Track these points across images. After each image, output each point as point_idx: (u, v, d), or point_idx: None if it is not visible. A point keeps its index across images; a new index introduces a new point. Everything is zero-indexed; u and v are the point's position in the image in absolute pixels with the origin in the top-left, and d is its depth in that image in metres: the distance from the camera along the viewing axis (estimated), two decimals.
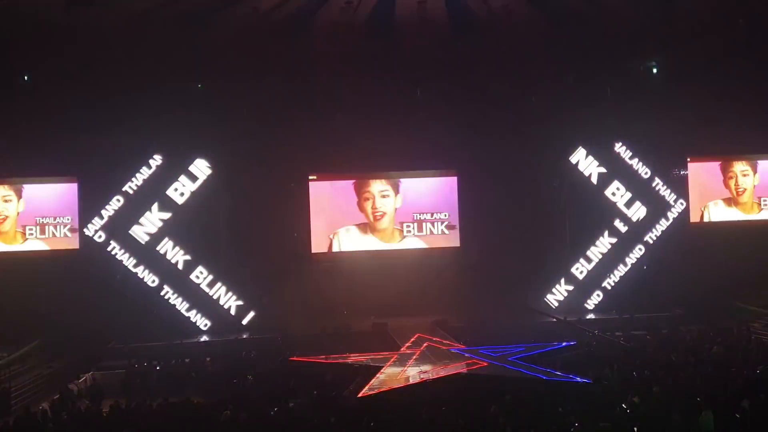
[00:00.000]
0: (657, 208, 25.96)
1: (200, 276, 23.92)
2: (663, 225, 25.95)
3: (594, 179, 25.91)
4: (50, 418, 15.47)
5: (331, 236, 26.44)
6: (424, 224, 26.80)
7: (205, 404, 15.43)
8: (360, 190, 26.74)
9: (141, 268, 23.43)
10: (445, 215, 26.87)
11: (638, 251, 25.83)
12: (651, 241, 25.89)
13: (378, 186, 26.74)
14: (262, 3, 21.78)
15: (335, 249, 26.44)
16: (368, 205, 26.59)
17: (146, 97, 23.42)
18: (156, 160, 23.89)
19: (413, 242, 26.73)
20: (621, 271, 25.72)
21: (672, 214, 26.06)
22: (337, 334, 22.30)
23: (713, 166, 27.69)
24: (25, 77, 23.99)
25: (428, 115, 25.92)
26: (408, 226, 26.68)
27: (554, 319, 23.47)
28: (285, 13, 22.72)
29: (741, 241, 25.77)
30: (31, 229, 24.76)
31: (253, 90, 24.78)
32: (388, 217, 26.68)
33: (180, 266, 23.77)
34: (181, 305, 23.68)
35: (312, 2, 21.96)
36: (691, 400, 13.07)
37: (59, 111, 23.34)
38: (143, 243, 23.55)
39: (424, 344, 19.83)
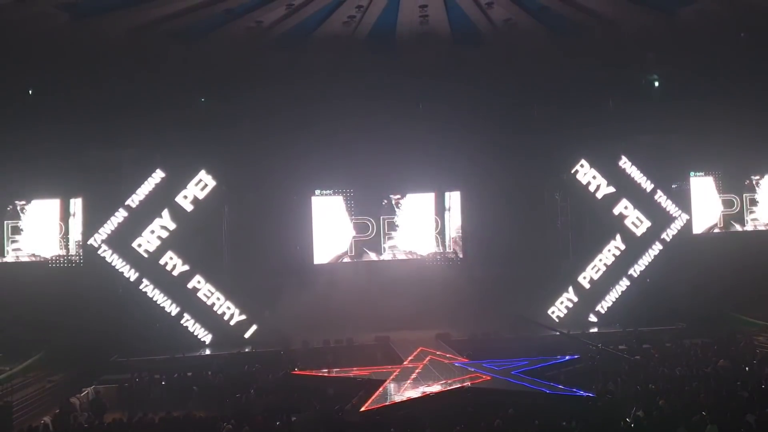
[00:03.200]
0: (660, 221, 25.86)
1: (202, 289, 23.86)
2: (666, 238, 25.83)
3: (596, 192, 25.83)
4: None
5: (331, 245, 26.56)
6: (424, 237, 26.90)
7: (207, 418, 15.39)
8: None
9: (143, 281, 23.37)
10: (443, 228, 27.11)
11: (641, 264, 25.70)
12: (654, 254, 25.76)
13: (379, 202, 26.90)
14: (265, 17, 21.96)
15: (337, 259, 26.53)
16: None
17: (149, 110, 23.54)
18: (159, 173, 23.88)
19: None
20: (624, 284, 25.59)
21: (675, 227, 25.97)
22: (340, 348, 22.24)
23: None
24: (29, 91, 24.16)
25: (430, 128, 25.98)
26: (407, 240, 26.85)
27: (557, 333, 23.35)
28: (287, 27, 22.92)
29: (743, 254, 25.68)
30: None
31: (256, 103, 24.89)
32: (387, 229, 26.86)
33: (182, 279, 23.72)
34: (183, 318, 23.61)
35: (314, 17, 22.13)
36: (696, 414, 12.99)
37: (62, 125, 23.42)
38: (146, 256, 23.50)
39: (427, 358, 19.72)
